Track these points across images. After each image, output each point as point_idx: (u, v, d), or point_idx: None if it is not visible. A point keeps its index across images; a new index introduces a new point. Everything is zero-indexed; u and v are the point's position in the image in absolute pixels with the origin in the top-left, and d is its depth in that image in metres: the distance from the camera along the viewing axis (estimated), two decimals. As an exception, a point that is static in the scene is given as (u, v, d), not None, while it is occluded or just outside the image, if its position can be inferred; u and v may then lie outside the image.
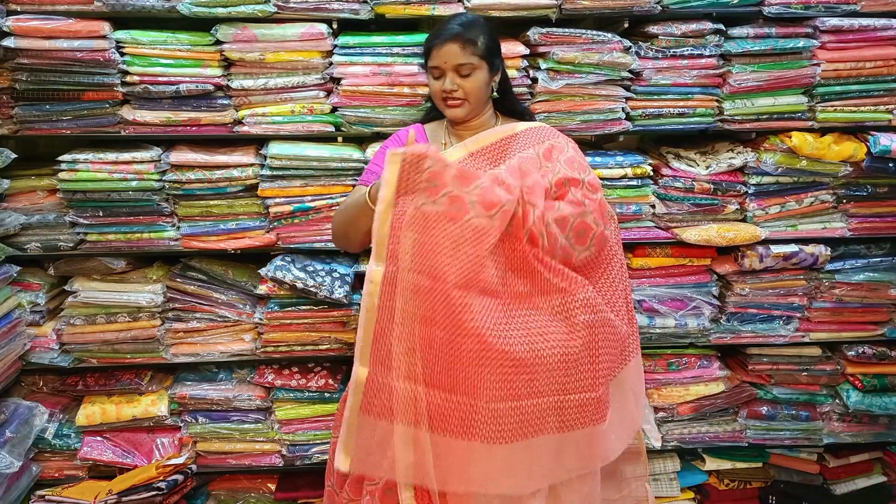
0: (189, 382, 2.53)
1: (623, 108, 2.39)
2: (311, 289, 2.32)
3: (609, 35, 2.31)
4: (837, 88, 2.41)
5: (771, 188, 2.48)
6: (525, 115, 1.98)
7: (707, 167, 2.42)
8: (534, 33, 2.29)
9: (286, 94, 2.32)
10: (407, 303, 1.50)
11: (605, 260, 1.75)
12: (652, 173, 2.45)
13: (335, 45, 2.30)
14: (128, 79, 2.24)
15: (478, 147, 1.74)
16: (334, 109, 2.36)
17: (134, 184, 2.29)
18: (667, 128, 2.43)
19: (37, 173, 2.36)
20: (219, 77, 2.28)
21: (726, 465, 2.69)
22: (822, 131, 2.43)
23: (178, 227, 2.39)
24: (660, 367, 2.59)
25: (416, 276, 1.49)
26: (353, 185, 2.36)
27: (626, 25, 2.37)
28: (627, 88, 2.39)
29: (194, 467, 2.49)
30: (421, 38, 2.29)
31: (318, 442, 2.52)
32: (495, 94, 1.89)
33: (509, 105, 1.95)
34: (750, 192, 2.47)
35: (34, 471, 2.43)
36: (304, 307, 2.42)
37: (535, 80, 2.33)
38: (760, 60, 2.37)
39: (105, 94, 2.25)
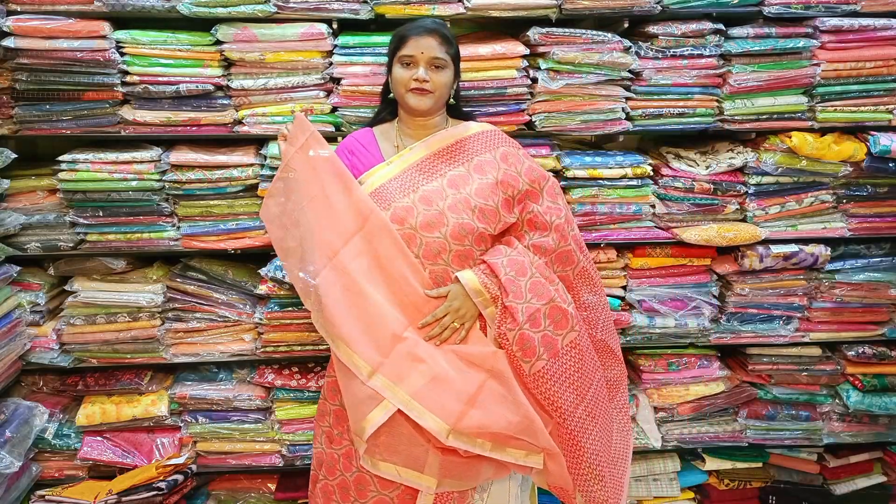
0: (189, 382, 2.52)
1: (623, 108, 2.39)
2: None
3: (609, 35, 2.31)
4: (837, 88, 2.41)
5: (771, 188, 2.47)
6: (470, 118, 2.06)
7: (707, 167, 2.42)
8: (534, 33, 2.28)
9: (286, 94, 2.32)
10: None
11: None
12: (652, 173, 2.45)
13: (335, 45, 2.30)
14: (128, 79, 2.24)
15: (439, 147, 1.89)
16: (334, 109, 2.36)
17: (134, 184, 2.29)
18: (667, 128, 2.43)
19: (37, 173, 2.36)
20: (219, 77, 2.28)
21: (726, 465, 2.69)
22: (822, 131, 2.43)
23: (178, 227, 2.39)
24: (660, 367, 2.59)
25: None
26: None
27: (626, 25, 2.37)
28: (627, 88, 2.39)
29: (194, 467, 2.49)
30: (421, 38, 2.29)
31: (318, 442, 2.52)
32: (452, 100, 1.97)
33: (458, 110, 2.03)
34: (750, 192, 2.47)
35: (34, 471, 2.43)
36: (304, 307, 2.41)
37: (534, 80, 2.33)
38: (760, 60, 2.37)
39: (105, 94, 2.25)
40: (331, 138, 2.39)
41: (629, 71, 2.35)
